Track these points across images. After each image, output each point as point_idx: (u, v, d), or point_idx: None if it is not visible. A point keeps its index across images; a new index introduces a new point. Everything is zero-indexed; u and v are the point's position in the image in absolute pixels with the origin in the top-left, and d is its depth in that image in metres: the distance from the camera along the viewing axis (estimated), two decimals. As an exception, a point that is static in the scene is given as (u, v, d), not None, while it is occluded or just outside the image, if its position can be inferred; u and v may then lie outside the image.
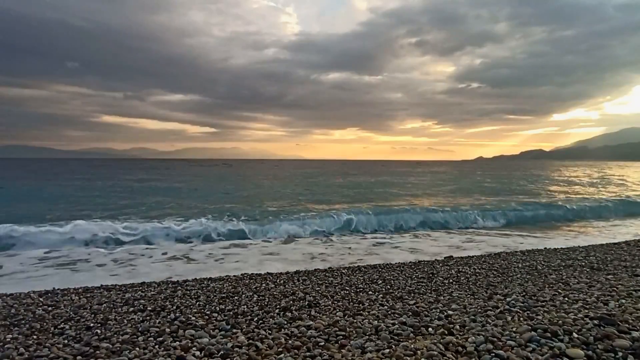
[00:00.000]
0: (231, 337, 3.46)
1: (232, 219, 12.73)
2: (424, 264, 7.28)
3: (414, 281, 5.82)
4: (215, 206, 16.85)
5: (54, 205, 16.64)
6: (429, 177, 45.93)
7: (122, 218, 12.56)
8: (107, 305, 4.73)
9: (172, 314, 4.25)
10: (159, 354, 3.09)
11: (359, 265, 7.54)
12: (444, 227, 13.31)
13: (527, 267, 6.60)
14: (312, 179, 40.67)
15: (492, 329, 3.26)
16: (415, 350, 2.92)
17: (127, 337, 3.49)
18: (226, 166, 79.67)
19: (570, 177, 44.87)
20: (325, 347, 3.15)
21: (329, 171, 63.72)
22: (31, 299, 5.14)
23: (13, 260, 8.21)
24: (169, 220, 12.07)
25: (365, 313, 4.13)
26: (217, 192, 24.49)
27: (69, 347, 3.31)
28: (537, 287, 5.10)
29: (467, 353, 2.82)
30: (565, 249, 8.79)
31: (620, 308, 3.67)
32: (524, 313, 3.78)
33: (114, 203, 18.24)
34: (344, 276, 6.29)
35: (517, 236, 11.42)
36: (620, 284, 4.90)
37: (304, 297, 4.88)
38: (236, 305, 4.60)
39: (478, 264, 7.05)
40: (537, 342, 2.87)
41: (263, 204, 18.33)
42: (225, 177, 45.21)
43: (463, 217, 14.33)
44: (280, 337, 3.39)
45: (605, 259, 7.05)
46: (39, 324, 4.03)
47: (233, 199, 20.88)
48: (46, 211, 14.42)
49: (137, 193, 23.65)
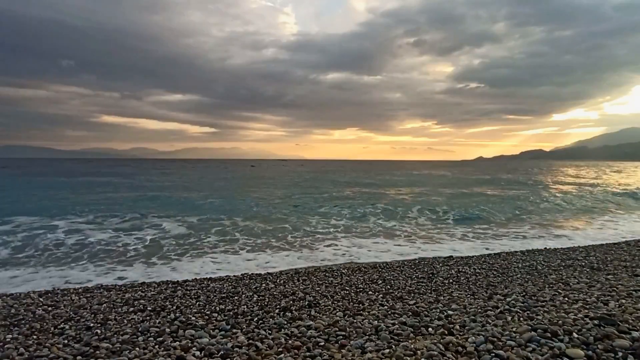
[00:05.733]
0: (231, 337, 3.46)
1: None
2: (424, 264, 7.28)
3: (414, 281, 5.82)
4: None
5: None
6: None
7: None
8: (107, 305, 4.73)
9: (172, 314, 4.25)
10: (159, 354, 3.09)
11: (359, 265, 7.54)
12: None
13: (527, 267, 6.60)
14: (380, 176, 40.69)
15: (492, 329, 3.25)
16: (415, 350, 2.92)
17: (127, 337, 3.49)
18: (254, 167, 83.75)
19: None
20: (325, 347, 3.15)
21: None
22: (31, 299, 5.14)
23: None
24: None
25: (365, 313, 4.13)
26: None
27: (69, 347, 3.31)
28: (537, 287, 5.11)
29: (467, 353, 2.82)
30: (566, 248, 8.79)
31: (620, 308, 3.67)
32: (524, 313, 3.78)
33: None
34: (344, 276, 6.29)
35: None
36: (620, 284, 4.90)
37: (304, 297, 4.88)
38: (236, 305, 4.60)
39: (478, 264, 7.05)
40: (537, 342, 2.87)
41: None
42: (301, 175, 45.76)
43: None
44: (280, 337, 3.39)
45: (605, 259, 7.05)
46: (39, 324, 4.03)
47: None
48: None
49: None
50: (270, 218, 14.18)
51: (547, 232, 12.25)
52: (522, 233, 11.94)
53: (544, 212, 16.55)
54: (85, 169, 63.01)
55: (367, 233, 11.81)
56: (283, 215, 14.76)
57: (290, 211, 16.01)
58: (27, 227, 11.43)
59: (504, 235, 11.56)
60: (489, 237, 11.27)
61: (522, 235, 11.63)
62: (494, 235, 11.56)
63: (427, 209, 16.08)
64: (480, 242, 10.63)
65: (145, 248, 9.39)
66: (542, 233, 12.01)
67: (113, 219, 13.11)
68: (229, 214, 14.51)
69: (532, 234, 11.86)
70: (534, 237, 11.21)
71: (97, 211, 14.72)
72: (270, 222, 13.28)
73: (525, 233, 11.95)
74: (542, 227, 13.10)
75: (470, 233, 11.88)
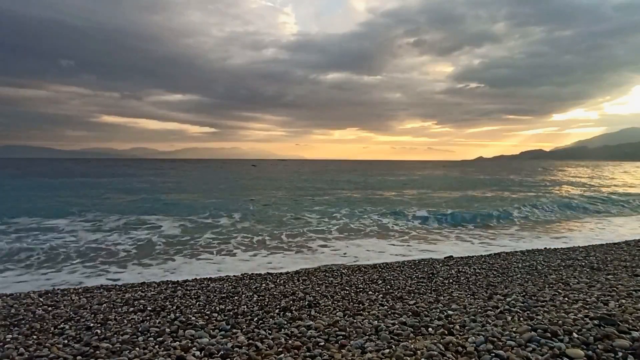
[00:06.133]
0: (231, 337, 3.45)
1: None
2: (424, 264, 7.27)
3: (414, 281, 5.81)
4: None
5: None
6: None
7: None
8: (107, 305, 4.73)
9: (172, 314, 4.25)
10: (159, 354, 3.09)
11: (359, 265, 7.54)
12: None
13: (527, 267, 6.60)
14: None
15: (492, 329, 3.25)
16: (415, 350, 2.92)
17: (127, 337, 3.49)
18: (254, 167, 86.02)
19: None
20: (325, 347, 3.15)
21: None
22: (31, 299, 5.13)
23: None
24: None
25: (365, 313, 4.12)
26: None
27: (69, 347, 3.31)
28: (537, 287, 5.10)
29: (467, 353, 2.82)
30: (566, 249, 8.79)
31: (620, 308, 3.67)
32: (524, 313, 3.78)
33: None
34: (344, 276, 6.29)
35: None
36: (620, 284, 4.90)
37: (304, 297, 4.88)
38: (236, 305, 4.60)
39: (478, 264, 7.05)
40: (537, 342, 2.87)
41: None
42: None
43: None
44: (280, 337, 3.39)
45: (605, 259, 7.05)
46: (39, 324, 4.03)
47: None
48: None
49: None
50: (270, 218, 14.19)
51: (548, 232, 12.25)
52: (523, 233, 11.94)
53: (544, 212, 16.56)
54: (85, 169, 63.04)
55: (367, 233, 11.81)
56: (282, 216, 14.77)
57: (289, 211, 16.01)
58: (24, 227, 11.44)
59: (504, 236, 11.57)
60: (489, 238, 11.27)
61: (522, 235, 11.63)
62: (494, 236, 11.56)
63: (426, 209, 16.06)
64: (480, 242, 10.63)
65: (143, 248, 9.40)
66: (543, 233, 12.01)
67: (110, 219, 13.10)
68: (228, 214, 14.53)
69: (532, 234, 11.86)
70: (534, 238, 11.21)
71: (95, 211, 14.73)
72: (270, 222, 13.28)
73: (526, 233, 11.95)
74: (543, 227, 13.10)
75: (470, 233, 11.88)
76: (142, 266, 7.91)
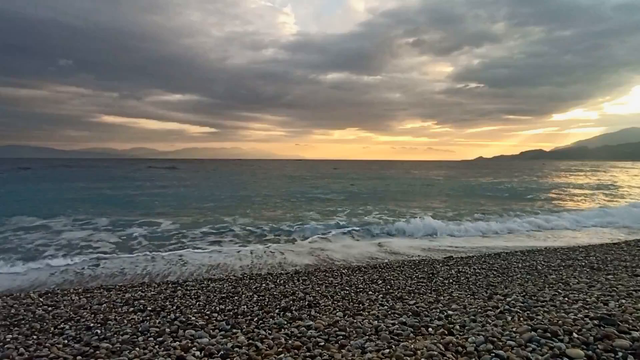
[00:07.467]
0: (231, 337, 3.45)
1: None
2: (424, 264, 7.27)
3: (414, 281, 5.81)
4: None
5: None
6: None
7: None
8: (107, 305, 4.73)
9: (172, 314, 4.25)
10: (159, 354, 3.09)
11: (359, 265, 7.54)
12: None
13: (527, 267, 6.60)
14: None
15: (492, 329, 3.25)
16: (415, 350, 2.92)
17: (127, 337, 3.49)
18: (255, 167, 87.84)
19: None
20: (325, 347, 3.15)
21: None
22: (31, 299, 5.14)
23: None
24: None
25: (365, 313, 4.13)
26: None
27: (69, 347, 3.31)
28: (537, 287, 5.10)
29: (467, 353, 2.82)
30: (566, 248, 8.78)
31: (620, 308, 3.67)
32: (524, 313, 3.78)
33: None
34: (344, 276, 6.29)
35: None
36: (620, 284, 4.90)
37: (304, 297, 4.88)
38: (236, 305, 4.60)
39: (478, 264, 7.05)
40: (537, 342, 2.87)
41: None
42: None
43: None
44: (280, 337, 3.39)
45: (605, 259, 7.05)
46: (39, 324, 4.03)
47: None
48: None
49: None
50: (270, 218, 14.18)
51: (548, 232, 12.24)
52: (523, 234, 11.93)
53: (545, 212, 16.53)
54: (85, 169, 63.01)
55: (367, 233, 11.80)
56: (282, 215, 14.76)
57: (289, 211, 16.01)
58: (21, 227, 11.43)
59: (504, 236, 11.56)
60: (490, 238, 11.26)
61: (522, 236, 11.62)
62: (494, 236, 11.56)
63: (426, 210, 16.05)
64: (479, 242, 10.62)
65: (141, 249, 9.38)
66: (542, 234, 12.00)
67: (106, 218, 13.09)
68: (228, 214, 14.51)
69: (532, 235, 11.85)
70: (534, 238, 11.20)
71: (94, 211, 14.72)
72: (270, 222, 13.27)
73: (526, 234, 11.94)
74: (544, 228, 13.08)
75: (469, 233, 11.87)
76: (142, 266, 7.89)
